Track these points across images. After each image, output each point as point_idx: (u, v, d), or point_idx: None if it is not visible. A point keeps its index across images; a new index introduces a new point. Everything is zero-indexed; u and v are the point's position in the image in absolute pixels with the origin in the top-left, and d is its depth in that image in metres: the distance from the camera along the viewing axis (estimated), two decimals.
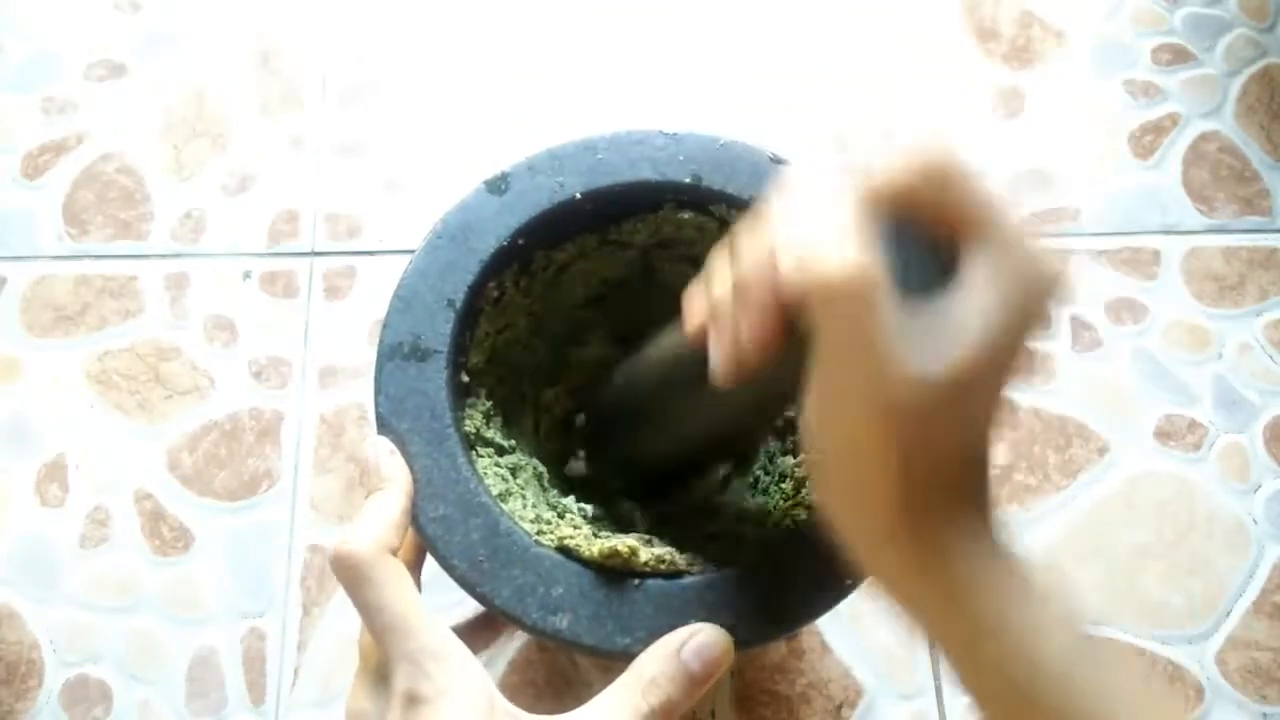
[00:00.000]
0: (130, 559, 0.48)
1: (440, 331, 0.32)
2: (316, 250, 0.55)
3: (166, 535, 0.49)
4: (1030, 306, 0.21)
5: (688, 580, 0.29)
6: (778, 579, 0.29)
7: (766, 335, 0.23)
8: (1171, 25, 0.61)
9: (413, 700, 0.26)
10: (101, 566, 0.48)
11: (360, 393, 0.52)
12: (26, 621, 0.47)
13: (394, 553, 0.28)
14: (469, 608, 0.33)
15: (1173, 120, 0.58)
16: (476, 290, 0.33)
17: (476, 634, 0.34)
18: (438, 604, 0.29)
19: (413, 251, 0.33)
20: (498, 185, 0.34)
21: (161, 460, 0.50)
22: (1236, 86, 0.59)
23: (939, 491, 0.22)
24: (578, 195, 0.34)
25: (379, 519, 0.28)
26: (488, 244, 0.33)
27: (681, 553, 0.30)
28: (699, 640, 0.27)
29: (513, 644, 0.47)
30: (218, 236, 0.55)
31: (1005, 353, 0.21)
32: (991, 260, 0.21)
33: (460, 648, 0.27)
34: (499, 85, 0.59)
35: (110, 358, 0.53)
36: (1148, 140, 0.58)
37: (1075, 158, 0.57)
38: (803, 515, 0.31)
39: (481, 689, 0.26)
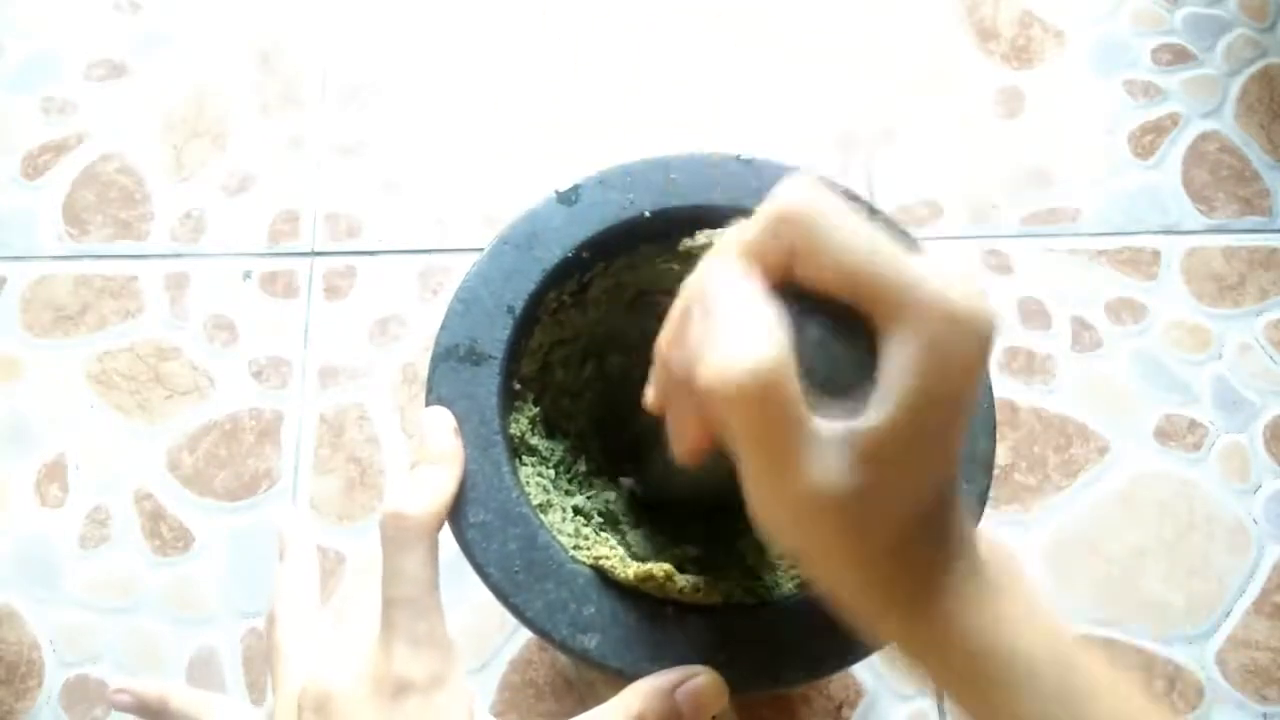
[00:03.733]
0: (130, 559, 0.48)
1: (497, 337, 0.32)
2: (316, 250, 0.55)
3: (166, 535, 0.49)
4: (953, 367, 0.19)
5: (721, 612, 0.29)
6: (813, 620, 0.28)
7: (699, 439, 0.22)
8: (1171, 25, 0.61)
9: (402, 687, 0.25)
10: (101, 566, 0.48)
11: (360, 393, 0.52)
12: (26, 621, 0.47)
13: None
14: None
15: (1173, 120, 0.58)
16: (537, 299, 0.33)
17: None
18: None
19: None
20: (569, 196, 0.34)
21: (161, 460, 0.50)
22: (1236, 86, 0.59)
23: (904, 554, 0.21)
24: (647, 214, 0.33)
25: (438, 492, 0.28)
26: (553, 254, 0.33)
27: (718, 583, 0.30)
28: (695, 684, 0.26)
29: (512, 644, 0.47)
30: (218, 236, 0.55)
31: (933, 415, 0.19)
32: (898, 322, 0.19)
33: (457, 647, 0.27)
34: (500, 85, 0.59)
35: (110, 358, 0.53)
36: (1148, 140, 0.58)
37: (1075, 158, 0.57)
38: None
39: (467, 692, 0.26)
